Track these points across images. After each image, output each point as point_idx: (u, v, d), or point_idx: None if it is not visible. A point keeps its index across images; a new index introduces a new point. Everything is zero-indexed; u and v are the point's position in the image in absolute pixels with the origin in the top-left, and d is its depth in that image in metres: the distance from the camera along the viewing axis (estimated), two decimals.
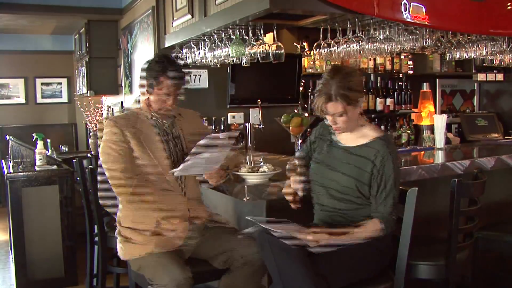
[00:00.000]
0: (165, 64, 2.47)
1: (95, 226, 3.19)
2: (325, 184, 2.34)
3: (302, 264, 2.05)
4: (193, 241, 2.50)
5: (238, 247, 2.40)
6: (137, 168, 2.43)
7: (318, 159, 2.42)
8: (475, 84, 5.92)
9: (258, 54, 3.43)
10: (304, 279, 2.01)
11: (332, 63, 4.91)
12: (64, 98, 7.81)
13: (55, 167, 4.22)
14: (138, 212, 2.48)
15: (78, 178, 3.45)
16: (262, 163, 2.69)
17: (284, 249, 2.06)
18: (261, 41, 3.43)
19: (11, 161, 4.60)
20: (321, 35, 3.59)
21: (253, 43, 3.42)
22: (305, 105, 4.84)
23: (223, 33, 3.55)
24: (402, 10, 3.16)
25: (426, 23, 3.29)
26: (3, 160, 5.16)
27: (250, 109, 4.63)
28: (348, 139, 2.35)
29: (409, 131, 5.16)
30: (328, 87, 2.21)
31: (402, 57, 5.28)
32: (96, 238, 3.20)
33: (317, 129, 2.53)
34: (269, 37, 3.67)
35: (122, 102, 5.75)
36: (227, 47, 3.45)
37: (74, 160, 3.45)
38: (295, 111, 4.51)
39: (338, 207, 2.31)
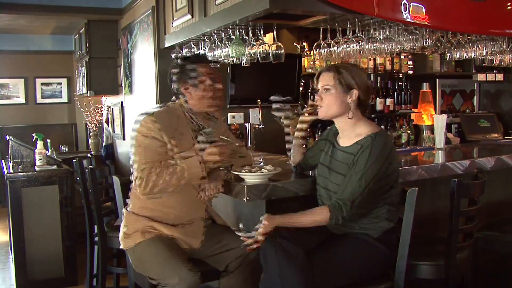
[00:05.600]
0: (194, 58, 2.55)
1: (95, 226, 3.19)
2: (327, 186, 2.33)
3: (305, 273, 2.04)
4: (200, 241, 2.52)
5: (236, 248, 2.41)
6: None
7: (322, 161, 2.43)
8: (475, 84, 5.92)
9: (258, 54, 3.43)
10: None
11: (332, 63, 4.93)
12: (64, 98, 7.81)
13: (55, 167, 4.22)
14: (156, 206, 2.46)
15: (78, 178, 3.45)
16: (262, 163, 2.69)
17: (289, 255, 2.05)
18: (261, 41, 3.43)
19: (11, 161, 4.60)
20: (321, 35, 3.60)
21: (253, 43, 3.42)
22: (305, 105, 4.83)
23: (223, 33, 3.55)
24: (402, 10, 3.16)
25: (426, 23, 3.29)
26: (3, 160, 5.16)
27: (250, 109, 4.63)
28: (345, 140, 2.35)
29: (409, 131, 5.15)
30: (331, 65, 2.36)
31: (402, 57, 5.28)
32: (96, 238, 3.20)
33: (326, 131, 2.54)
34: (269, 37, 3.67)
35: (122, 102, 5.75)
36: (227, 47, 3.46)
37: (74, 160, 3.46)
38: (295, 111, 4.50)
39: None
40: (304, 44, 4.82)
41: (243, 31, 3.42)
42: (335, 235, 2.34)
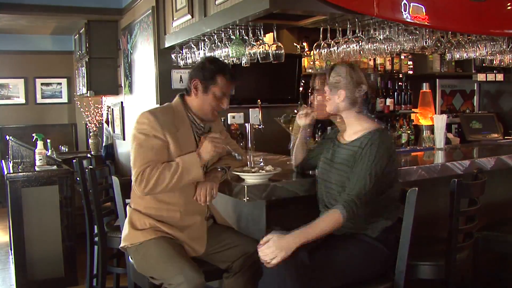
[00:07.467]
0: (221, 66, 2.49)
1: (95, 226, 3.19)
2: (327, 181, 2.34)
3: (305, 279, 2.04)
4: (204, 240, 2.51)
5: (240, 245, 2.42)
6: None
7: (324, 158, 2.44)
8: (475, 84, 5.92)
9: (258, 54, 3.43)
10: None
11: (332, 63, 4.93)
12: (64, 98, 7.81)
13: (55, 167, 4.22)
14: (160, 205, 2.42)
15: (78, 179, 3.45)
16: (262, 163, 2.69)
17: (295, 264, 2.04)
18: (261, 41, 3.43)
19: (11, 161, 4.60)
20: (321, 35, 3.60)
21: (253, 43, 3.42)
22: (305, 105, 4.83)
23: (223, 33, 3.55)
24: (402, 10, 3.16)
25: (426, 23, 3.29)
26: (3, 160, 5.16)
27: (250, 109, 4.63)
28: (347, 136, 2.37)
29: (409, 131, 5.15)
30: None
31: (402, 57, 5.28)
32: (96, 238, 3.20)
33: (329, 132, 2.57)
34: (269, 37, 3.67)
35: (122, 102, 5.75)
36: (227, 47, 3.46)
37: (74, 160, 3.46)
38: (295, 111, 4.50)
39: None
40: (304, 44, 4.82)
41: (243, 31, 3.42)
42: (334, 235, 2.34)
